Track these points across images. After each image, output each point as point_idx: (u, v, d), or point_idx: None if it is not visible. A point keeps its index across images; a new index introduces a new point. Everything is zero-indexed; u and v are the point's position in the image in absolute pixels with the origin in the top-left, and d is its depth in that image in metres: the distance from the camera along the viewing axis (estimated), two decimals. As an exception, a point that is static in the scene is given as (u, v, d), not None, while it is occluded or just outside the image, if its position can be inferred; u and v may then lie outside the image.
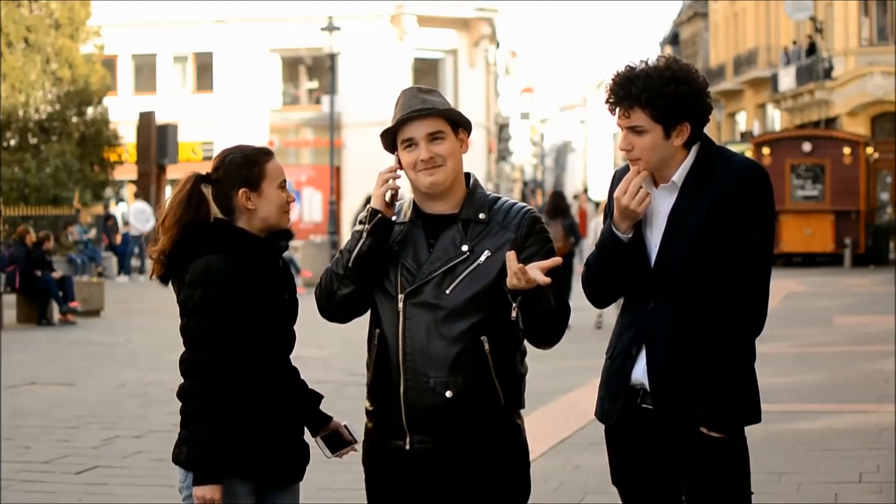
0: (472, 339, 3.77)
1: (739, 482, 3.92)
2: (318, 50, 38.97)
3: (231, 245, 3.90)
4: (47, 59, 32.96)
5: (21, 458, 8.96)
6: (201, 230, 3.91)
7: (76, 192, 31.10)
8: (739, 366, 3.83)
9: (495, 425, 3.83)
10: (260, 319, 3.89)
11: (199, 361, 3.82)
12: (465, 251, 3.81)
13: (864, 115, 40.06)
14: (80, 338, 17.76)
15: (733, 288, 3.81)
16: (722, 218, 3.83)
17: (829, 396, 11.34)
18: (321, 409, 4.20)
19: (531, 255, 3.80)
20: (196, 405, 3.81)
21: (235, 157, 3.96)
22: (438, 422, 3.78)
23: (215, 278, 3.83)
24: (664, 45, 77.39)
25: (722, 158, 3.94)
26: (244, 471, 3.87)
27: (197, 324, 3.83)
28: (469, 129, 3.94)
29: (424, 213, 3.92)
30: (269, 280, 3.95)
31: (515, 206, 3.91)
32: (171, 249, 3.91)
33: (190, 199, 3.93)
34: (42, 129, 33.14)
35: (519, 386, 3.90)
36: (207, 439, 3.79)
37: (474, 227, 3.85)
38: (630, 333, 3.95)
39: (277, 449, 3.94)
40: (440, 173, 3.85)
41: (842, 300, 21.97)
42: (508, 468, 3.87)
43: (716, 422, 3.81)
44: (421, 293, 3.80)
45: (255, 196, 3.94)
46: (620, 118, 3.88)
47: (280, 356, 3.99)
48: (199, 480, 3.81)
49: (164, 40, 45.42)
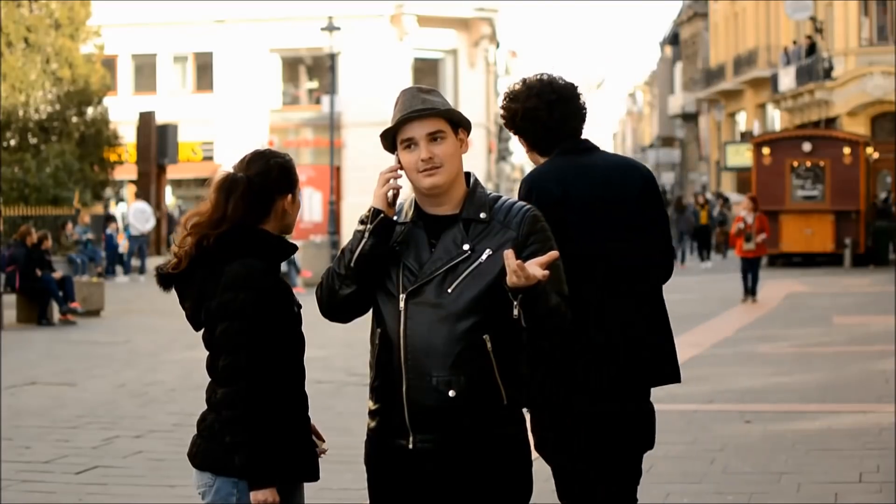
0: (474, 338, 3.76)
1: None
2: (318, 50, 39.00)
3: (268, 249, 3.93)
4: (47, 59, 32.97)
5: (21, 458, 8.95)
6: (238, 234, 3.90)
7: (76, 192, 31.11)
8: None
9: (497, 424, 3.83)
10: (287, 323, 3.93)
11: (241, 365, 3.81)
12: (467, 250, 3.81)
13: (864, 115, 40.06)
14: (80, 338, 17.76)
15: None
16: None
17: (829, 396, 11.34)
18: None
19: (533, 252, 3.79)
20: (239, 410, 3.81)
21: (281, 162, 3.98)
22: (441, 421, 3.78)
23: (258, 283, 3.85)
24: (664, 45, 77.39)
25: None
26: (287, 472, 3.90)
27: (239, 327, 3.82)
28: (469, 129, 3.94)
29: (426, 214, 3.91)
30: (285, 285, 4.01)
31: (516, 205, 3.92)
32: (198, 252, 3.88)
33: (245, 202, 3.90)
34: (42, 129, 33.14)
35: (522, 385, 3.91)
36: (258, 443, 3.80)
37: (475, 226, 3.84)
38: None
39: (303, 448, 3.97)
40: (439, 175, 3.84)
41: (842, 300, 21.96)
42: (510, 468, 3.86)
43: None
44: (422, 293, 3.80)
45: (292, 202, 4.00)
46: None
47: (300, 359, 4.02)
48: (255, 485, 3.81)
49: (164, 40, 45.43)
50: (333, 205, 34.75)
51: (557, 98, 4.47)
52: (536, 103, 4.44)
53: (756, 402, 10.93)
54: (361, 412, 4.03)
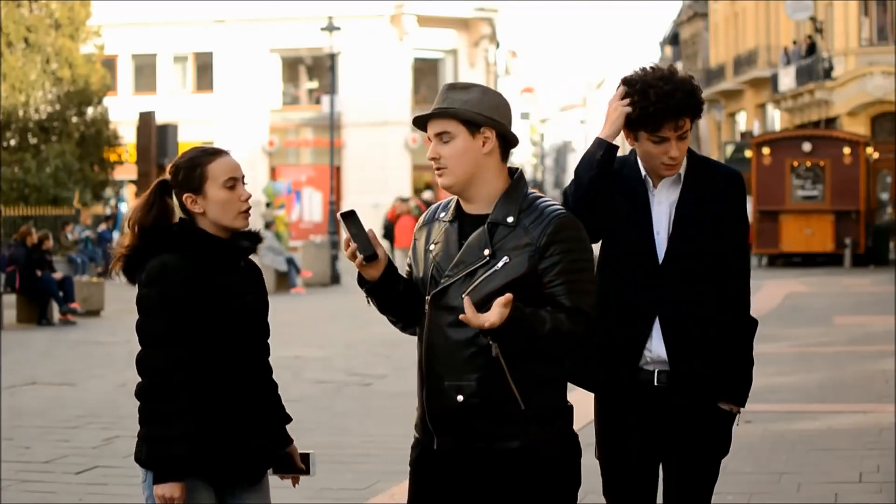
0: (480, 343, 3.70)
1: (726, 449, 4.35)
2: (318, 50, 38.97)
3: (188, 245, 3.93)
4: (47, 59, 32.98)
5: (21, 458, 8.95)
6: (160, 231, 3.96)
7: (76, 192, 31.11)
8: (750, 348, 4.31)
9: (513, 429, 3.74)
10: (216, 319, 3.91)
11: (152, 360, 3.86)
12: (486, 255, 3.73)
13: (864, 115, 40.03)
14: (80, 338, 17.76)
15: (739, 278, 4.26)
16: (725, 212, 4.21)
17: (829, 396, 11.33)
18: (286, 429, 4.19)
19: (552, 265, 3.69)
20: (151, 403, 3.85)
21: (180, 163, 4.02)
22: (453, 425, 3.77)
23: (170, 277, 3.87)
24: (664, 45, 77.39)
25: (708, 159, 4.39)
26: (202, 470, 3.89)
27: (151, 322, 3.87)
28: (495, 126, 3.77)
29: (464, 212, 3.85)
30: (226, 280, 3.96)
31: (549, 208, 3.76)
32: (131, 250, 3.97)
33: (149, 205, 3.99)
34: (42, 129, 33.15)
35: (546, 389, 3.77)
36: (164, 437, 3.82)
37: (501, 230, 3.74)
38: (630, 318, 4.18)
39: (236, 449, 3.93)
40: (447, 176, 3.78)
41: (842, 300, 21.94)
42: (530, 464, 3.77)
43: (735, 396, 4.26)
44: (445, 295, 3.76)
45: (200, 199, 3.96)
46: (673, 130, 4.11)
47: (243, 356, 3.98)
48: (159, 478, 3.83)
49: (164, 40, 45.44)
50: (333, 205, 34.74)
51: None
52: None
53: (756, 402, 10.85)
54: (361, 412, 4.04)
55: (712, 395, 4.22)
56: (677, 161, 4.15)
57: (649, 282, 4.14)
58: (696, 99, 4.16)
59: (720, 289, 4.19)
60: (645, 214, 4.17)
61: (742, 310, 4.26)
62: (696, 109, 4.15)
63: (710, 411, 4.24)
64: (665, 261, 4.16)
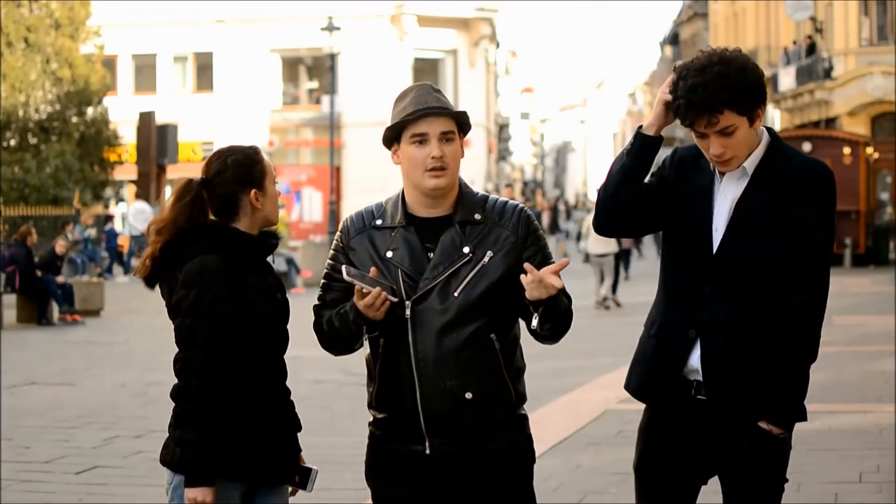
0: (482, 340, 3.75)
1: (781, 475, 3.96)
2: (318, 50, 38.98)
3: (229, 245, 3.88)
4: (47, 59, 32.99)
5: (21, 458, 8.95)
6: (198, 232, 3.89)
7: (76, 192, 31.11)
8: (805, 364, 3.86)
9: (509, 422, 3.85)
10: (255, 320, 3.87)
11: (193, 362, 3.80)
12: (468, 253, 3.77)
13: (864, 115, 40.02)
14: (80, 338, 17.76)
15: (802, 282, 3.85)
16: (795, 210, 3.82)
17: (829, 396, 11.32)
18: (297, 437, 4.13)
19: (531, 255, 3.81)
20: (188, 406, 3.81)
21: (238, 158, 3.93)
22: (459, 424, 3.77)
23: (211, 279, 3.81)
24: (664, 45, 77.40)
25: (792, 152, 3.94)
26: (234, 472, 3.86)
27: (191, 324, 3.81)
28: (467, 133, 3.92)
29: (415, 217, 3.84)
30: (262, 280, 3.94)
31: (508, 204, 3.90)
32: (163, 252, 3.88)
33: (194, 206, 3.89)
34: (42, 129, 33.17)
35: (523, 379, 3.92)
36: (199, 441, 3.78)
37: (472, 227, 3.81)
38: (681, 314, 3.88)
39: (267, 450, 3.91)
40: (445, 177, 3.79)
41: (842, 300, 21.93)
42: (520, 460, 3.88)
43: (778, 417, 3.83)
44: (427, 299, 3.76)
45: (261, 195, 3.93)
46: (705, 127, 3.76)
47: (274, 357, 3.96)
48: (190, 482, 3.80)
49: (164, 40, 45.43)
50: (333, 205, 34.74)
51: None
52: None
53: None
54: (360, 412, 4.02)
55: (751, 413, 3.80)
56: (723, 158, 3.79)
57: (699, 279, 3.84)
58: (737, 92, 3.71)
59: (778, 296, 3.81)
60: (706, 208, 3.86)
61: (802, 322, 3.84)
62: (738, 103, 3.72)
63: (750, 432, 3.82)
64: (716, 258, 3.83)
